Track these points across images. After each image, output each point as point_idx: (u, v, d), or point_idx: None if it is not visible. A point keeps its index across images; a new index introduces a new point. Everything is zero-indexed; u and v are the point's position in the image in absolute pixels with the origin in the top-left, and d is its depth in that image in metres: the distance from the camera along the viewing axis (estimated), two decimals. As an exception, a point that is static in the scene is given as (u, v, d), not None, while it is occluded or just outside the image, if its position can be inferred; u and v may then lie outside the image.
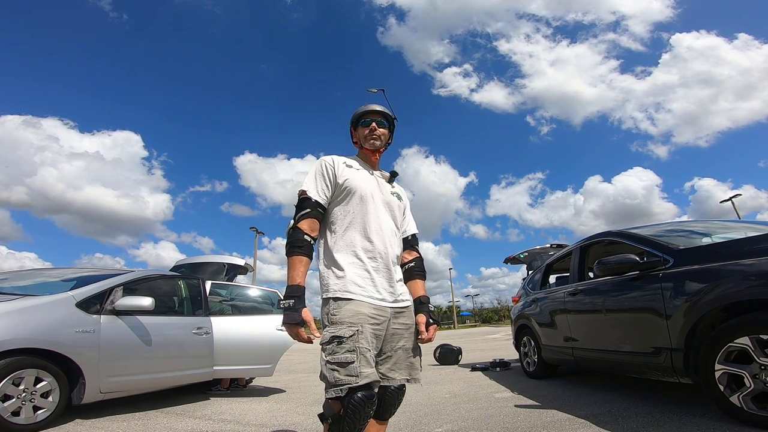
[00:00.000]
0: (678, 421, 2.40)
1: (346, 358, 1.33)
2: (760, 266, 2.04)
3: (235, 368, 4.59)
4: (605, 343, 3.29)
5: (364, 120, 1.70)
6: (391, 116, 1.74)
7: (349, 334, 1.36)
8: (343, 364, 1.32)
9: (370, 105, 1.72)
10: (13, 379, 2.83)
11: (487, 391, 4.17)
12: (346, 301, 1.42)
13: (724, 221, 4.11)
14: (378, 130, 1.69)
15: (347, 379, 1.31)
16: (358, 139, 1.74)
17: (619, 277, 3.00)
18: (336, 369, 1.32)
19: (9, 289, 3.54)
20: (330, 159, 1.63)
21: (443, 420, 3.03)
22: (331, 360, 1.34)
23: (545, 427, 2.61)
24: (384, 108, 1.73)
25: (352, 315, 1.40)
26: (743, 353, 2.07)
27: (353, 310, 1.41)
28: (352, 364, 1.32)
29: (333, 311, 1.41)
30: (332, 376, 1.32)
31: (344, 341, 1.35)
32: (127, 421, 3.33)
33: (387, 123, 1.72)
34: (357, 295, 1.44)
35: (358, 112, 1.73)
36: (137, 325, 3.64)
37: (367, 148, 1.70)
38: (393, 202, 1.67)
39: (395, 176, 1.77)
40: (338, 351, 1.34)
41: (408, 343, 1.55)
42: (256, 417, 3.50)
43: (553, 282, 5.07)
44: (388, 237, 1.57)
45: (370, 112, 1.71)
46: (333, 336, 1.36)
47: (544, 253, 7.07)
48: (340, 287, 1.45)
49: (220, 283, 5.25)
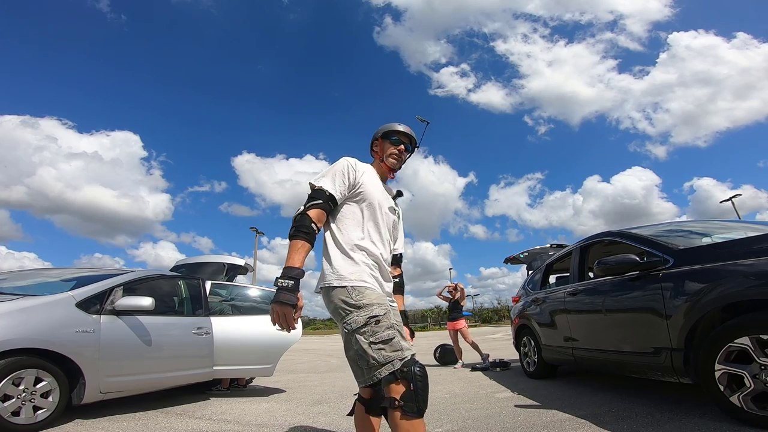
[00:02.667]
0: (678, 421, 2.40)
1: (388, 335, 1.37)
2: (760, 266, 2.04)
3: (235, 368, 4.59)
4: (605, 343, 3.29)
5: (396, 138, 1.76)
6: (416, 144, 1.82)
7: (383, 313, 1.42)
8: (386, 340, 1.37)
9: (403, 125, 1.78)
10: (13, 379, 2.83)
11: (487, 391, 4.17)
12: (365, 287, 1.48)
13: (723, 221, 4.11)
14: (403, 153, 1.77)
15: (396, 354, 1.35)
16: (380, 151, 1.79)
17: (619, 277, 3.00)
18: (382, 347, 1.36)
19: (9, 289, 3.54)
20: (354, 162, 1.68)
21: (443, 420, 3.03)
22: (375, 340, 1.37)
23: (545, 427, 2.61)
24: (413, 134, 1.81)
25: (377, 296, 1.47)
26: (743, 353, 2.07)
27: (376, 292, 1.49)
28: (394, 339, 1.38)
29: (356, 297, 1.45)
30: (381, 355, 1.35)
31: (381, 319, 1.40)
32: (127, 421, 3.33)
33: (411, 148, 1.81)
34: (372, 284, 1.51)
35: (391, 128, 1.77)
36: (137, 325, 3.64)
37: (387, 165, 1.76)
38: (392, 218, 1.75)
39: (399, 195, 1.87)
40: (378, 330, 1.38)
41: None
42: (256, 417, 3.50)
43: (553, 282, 5.08)
44: (384, 245, 1.66)
45: (404, 134, 1.77)
46: (369, 317, 1.40)
47: (544, 253, 7.07)
48: (357, 276, 1.49)
49: (220, 283, 5.25)
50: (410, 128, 1.81)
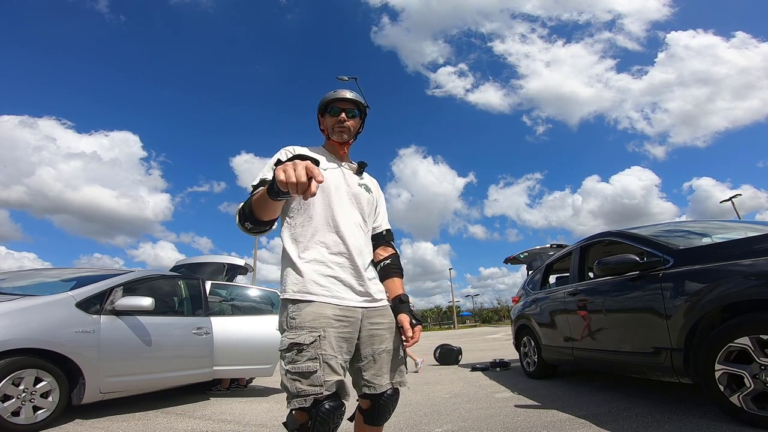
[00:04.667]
0: (678, 421, 2.40)
1: (308, 368, 1.21)
2: (759, 266, 2.04)
3: (235, 368, 4.59)
4: (605, 343, 3.29)
5: (332, 108, 1.53)
6: (363, 104, 1.58)
7: (309, 341, 1.23)
8: (306, 374, 1.21)
9: (339, 91, 1.54)
10: (13, 379, 2.83)
11: (487, 391, 4.17)
12: (306, 303, 1.30)
13: (723, 221, 4.11)
14: (347, 122, 1.53)
15: (311, 390, 1.20)
16: (325, 127, 1.58)
17: (619, 277, 3.00)
18: (298, 379, 1.21)
19: (9, 289, 3.54)
20: (291, 147, 1.48)
21: (443, 420, 3.03)
22: (291, 369, 1.22)
23: (545, 427, 2.61)
24: (355, 95, 1.55)
25: (313, 318, 1.27)
26: (743, 353, 2.07)
27: (314, 312, 1.28)
28: (315, 373, 1.21)
29: (292, 314, 1.29)
30: (294, 386, 1.21)
31: (305, 349, 1.23)
32: (127, 421, 3.33)
33: (358, 112, 1.56)
34: (318, 296, 1.31)
35: (325, 99, 1.54)
36: (137, 325, 3.64)
37: (334, 140, 1.55)
38: (361, 195, 1.52)
39: (364, 167, 1.62)
40: (299, 360, 1.22)
41: (391, 344, 1.43)
42: (256, 417, 3.50)
43: (553, 282, 5.08)
44: (352, 231, 1.43)
45: (338, 100, 1.53)
46: (292, 343, 1.24)
47: (544, 253, 7.07)
48: (299, 288, 1.32)
49: (220, 283, 5.25)
50: (349, 91, 1.55)
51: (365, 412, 1.45)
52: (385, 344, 1.42)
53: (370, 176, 1.66)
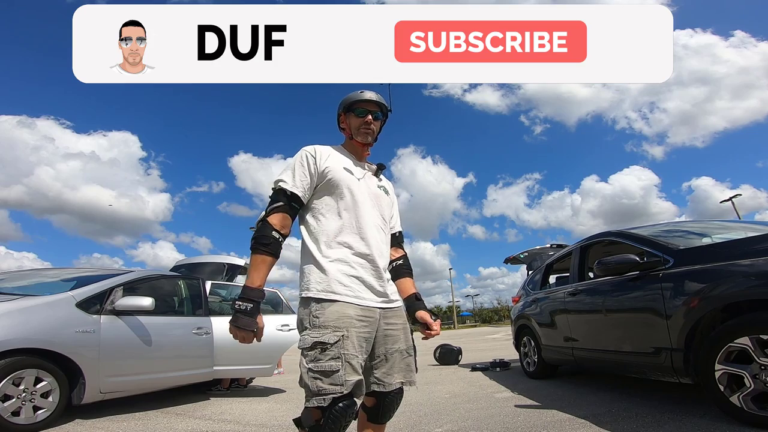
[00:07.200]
0: (678, 421, 2.40)
1: (330, 366, 1.23)
2: (759, 266, 2.04)
3: (235, 368, 4.59)
4: (605, 343, 3.29)
5: (359, 109, 1.52)
6: (387, 108, 1.59)
7: (334, 340, 1.26)
8: (327, 372, 1.23)
9: (366, 92, 1.55)
10: (13, 379, 2.83)
11: (487, 391, 4.17)
12: (329, 302, 1.32)
13: (723, 221, 4.11)
14: (373, 124, 1.53)
15: (331, 389, 1.22)
16: (347, 126, 1.57)
17: (619, 277, 3.00)
18: (319, 378, 1.23)
19: (9, 289, 3.53)
20: (312, 149, 1.48)
21: (443, 420, 3.03)
22: (313, 368, 1.24)
23: (545, 427, 2.61)
24: (381, 98, 1.56)
25: (337, 318, 1.29)
26: (743, 353, 2.07)
27: (338, 312, 1.30)
28: (337, 372, 1.23)
29: (316, 313, 1.31)
30: (315, 384, 1.23)
31: (329, 348, 1.25)
32: (127, 421, 3.33)
33: (382, 115, 1.57)
34: (342, 295, 1.33)
35: (352, 98, 1.54)
36: (137, 325, 3.64)
37: (358, 141, 1.55)
38: (381, 197, 1.55)
39: (382, 169, 1.63)
40: (322, 359, 1.25)
41: (403, 344, 1.47)
42: (256, 417, 3.50)
43: (553, 282, 5.08)
44: (374, 233, 1.46)
45: (365, 101, 1.53)
46: (316, 342, 1.26)
47: (544, 253, 7.07)
48: (324, 287, 1.33)
49: (220, 283, 5.25)
50: (376, 93, 1.56)
51: (369, 410, 1.47)
52: (398, 344, 1.46)
53: (386, 178, 1.68)
